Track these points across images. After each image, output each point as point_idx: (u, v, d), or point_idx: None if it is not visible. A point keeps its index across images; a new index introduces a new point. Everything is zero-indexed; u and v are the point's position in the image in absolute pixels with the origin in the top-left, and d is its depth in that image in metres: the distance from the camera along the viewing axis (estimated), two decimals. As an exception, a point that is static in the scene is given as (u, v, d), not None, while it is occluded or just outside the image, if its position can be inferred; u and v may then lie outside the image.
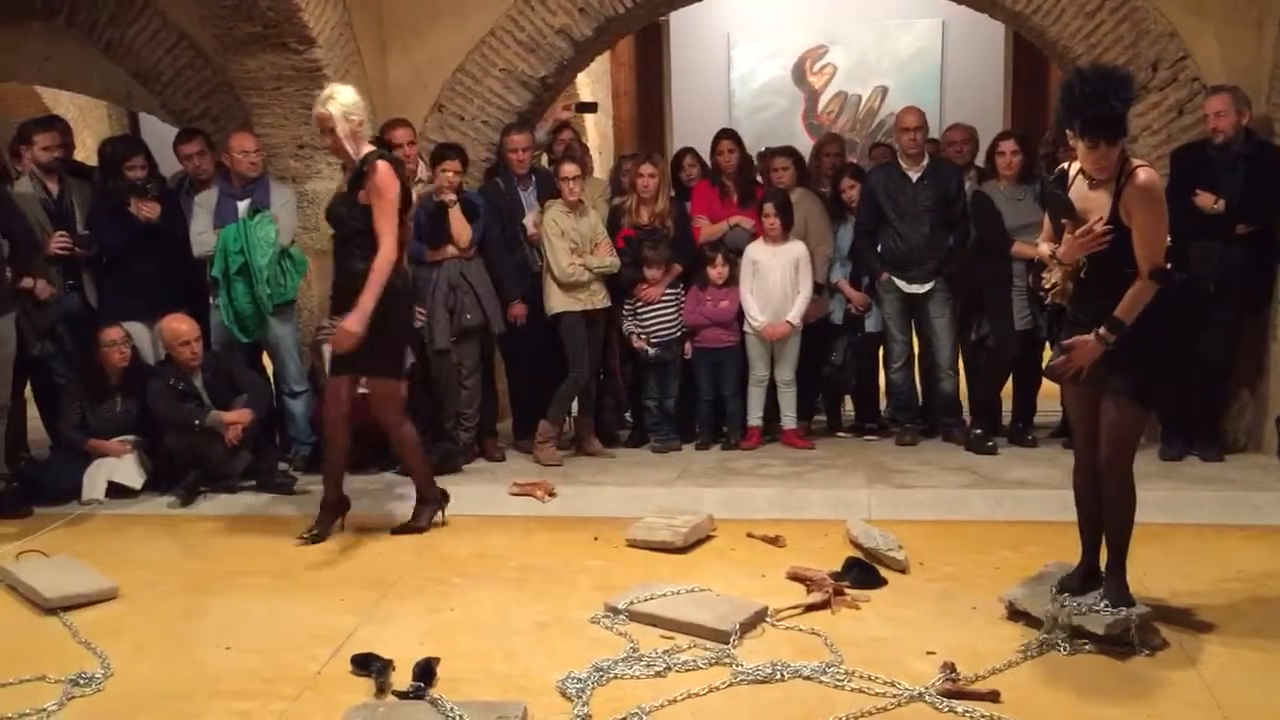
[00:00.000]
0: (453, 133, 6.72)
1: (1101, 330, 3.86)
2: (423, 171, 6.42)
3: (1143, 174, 3.82)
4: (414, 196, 5.55)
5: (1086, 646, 3.87)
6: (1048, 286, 4.13)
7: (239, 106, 6.64)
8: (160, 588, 4.73)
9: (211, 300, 6.26)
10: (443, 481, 6.06)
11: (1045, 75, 10.55)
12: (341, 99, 5.08)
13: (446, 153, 6.26)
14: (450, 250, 6.24)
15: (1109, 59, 5.96)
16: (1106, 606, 3.94)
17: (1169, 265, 3.86)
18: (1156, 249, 3.81)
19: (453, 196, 6.18)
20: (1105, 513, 4.07)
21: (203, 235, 6.21)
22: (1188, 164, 5.97)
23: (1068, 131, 3.86)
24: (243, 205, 6.20)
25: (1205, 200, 5.83)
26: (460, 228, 6.20)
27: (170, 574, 4.94)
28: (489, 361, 6.67)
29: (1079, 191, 3.95)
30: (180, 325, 6.02)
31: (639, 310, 6.57)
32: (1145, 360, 3.91)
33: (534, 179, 6.60)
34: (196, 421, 5.93)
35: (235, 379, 6.18)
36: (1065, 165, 4.09)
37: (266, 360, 6.65)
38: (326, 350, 6.26)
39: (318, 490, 5.88)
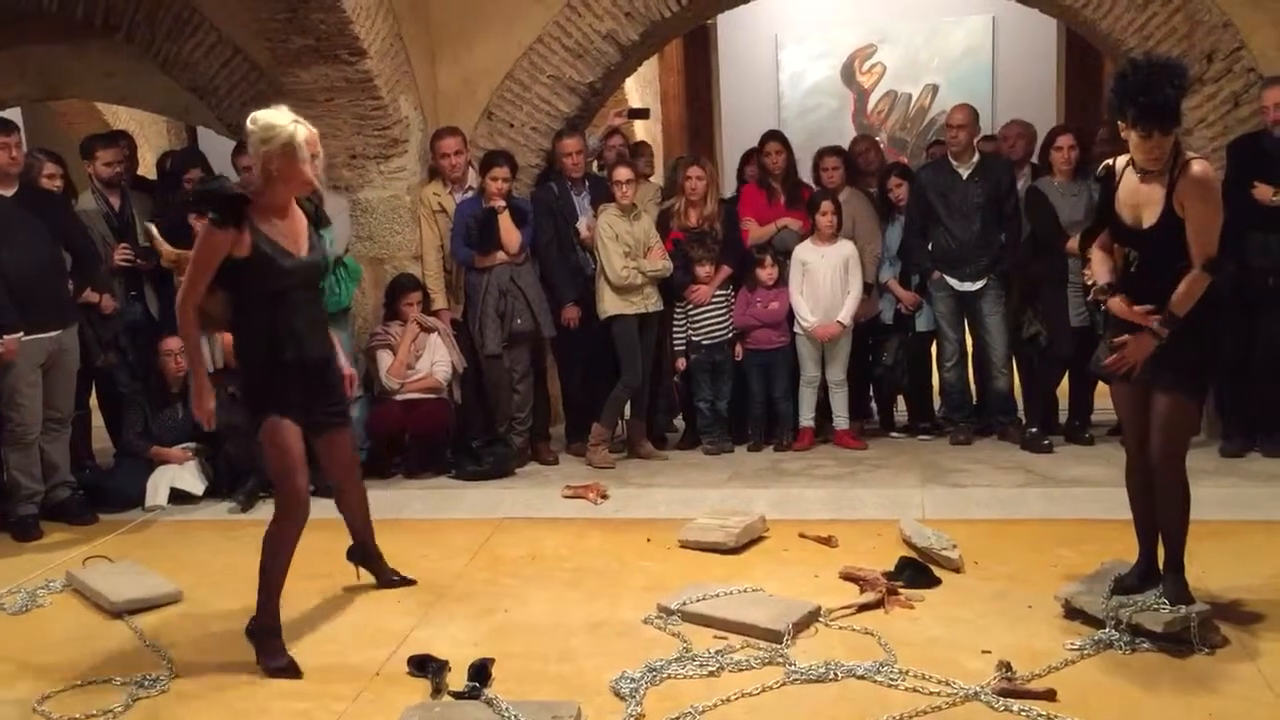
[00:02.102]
0: (502, 140, 6.78)
1: (1156, 325, 3.81)
2: (472, 179, 6.49)
3: (1197, 165, 3.77)
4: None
5: (1145, 645, 3.82)
6: (1088, 284, 4.12)
7: (293, 118, 6.73)
8: (221, 591, 4.81)
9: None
10: (498, 485, 6.16)
11: (1098, 70, 10.41)
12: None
13: (495, 159, 6.33)
14: (500, 256, 6.30)
15: (1162, 51, 5.87)
16: (1165, 604, 3.89)
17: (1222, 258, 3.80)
18: (1210, 241, 3.76)
19: (502, 203, 6.24)
20: (1159, 509, 4.02)
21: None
22: (1245, 156, 5.88)
23: (1120, 123, 3.82)
24: (298, 215, 6.29)
25: (1263, 192, 5.74)
26: (510, 233, 6.26)
27: (231, 578, 5.01)
28: (541, 365, 6.71)
29: (1129, 185, 3.90)
30: (238, 334, 6.12)
31: (690, 312, 6.59)
32: (1195, 354, 3.86)
33: (587, 183, 6.64)
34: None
35: (292, 386, 6.27)
36: (1112, 161, 4.05)
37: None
38: (381, 356, 6.36)
39: (371, 496, 5.98)
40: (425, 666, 3.87)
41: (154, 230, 4.74)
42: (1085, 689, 3.58)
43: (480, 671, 3.77)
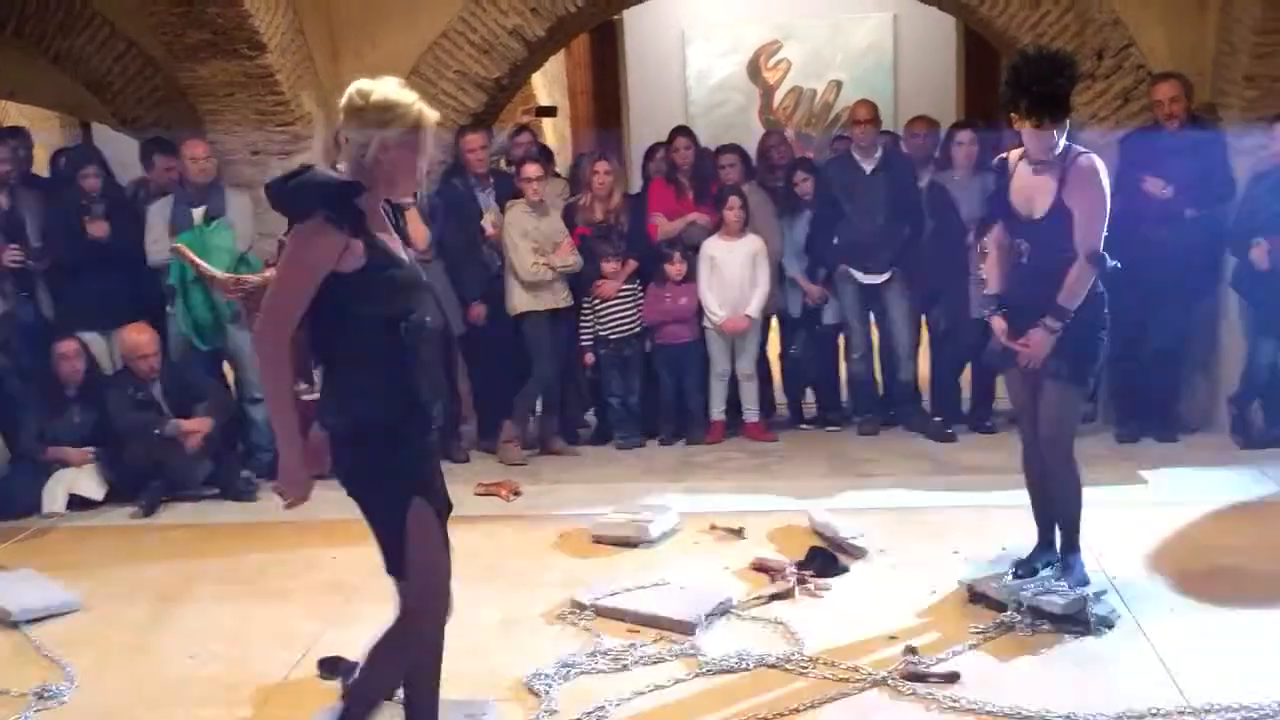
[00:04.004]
0: (408, 135, 6.70)
1: (1047, 320, 3.93)
2: (378, 175, 6.40)
3: (1085, 159, 3.90)
4: None
5: (1044, 626, 3.93)
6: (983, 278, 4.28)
7: (192, 114, 6.60)
8: (123, 599, 4.70)
9: (169, 309, 6.23)
10: (407, 484, 6.09)
11: (996, 66, 10.62)
12: None
13: (401, 155, 6.24)
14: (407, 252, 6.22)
15: (1055, 47, 6.03)
16: (1063, 586, 4.01)
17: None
18: (1096, 233, 3.90)
19: (408, 199, 6.17)
20: (1054, 494, 4.15)
21: (158, 244, 6.17)
22: (1136, 150, 6.07)
23: (1013, 114, 3.93)
24: (198, 213, 6.18)
25: (1154, 186, 5.93)
26: (417, 229, 6.19)
27: (133, 585, 4.91)
28: (450, 363, 6.64)
29: (1022, 177, 4.02)
30: (140, 337, 5.98)
31: (598, 308, 6.60)
32: (1080, 343, 3.99)
33: (492, 180, 6.61)
34: (156, 431, 5.90)
35: (194, 387, 6.15)
36: (1006, 154, 4.17)
37: (228, 368, 6.61)
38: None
39: (279, 496, 5.89)
40: (336, 669, 3.82)
41: (189, 252, 4.30)
42: (988, 670, 3.68)
43: (391, 672, 3.72)
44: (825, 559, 4.67)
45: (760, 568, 4.65)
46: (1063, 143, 3.91)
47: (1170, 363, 6.25)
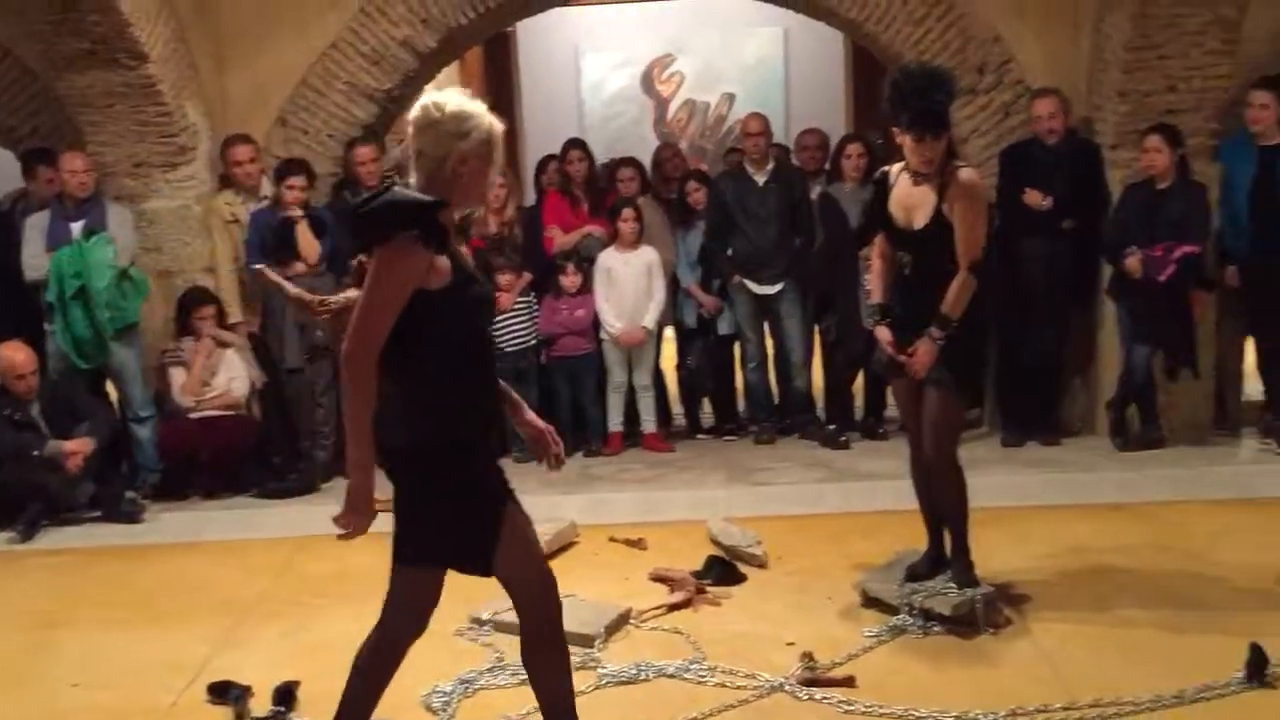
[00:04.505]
0: (297, 147, 6.60)
1: (932, 330, 4.03)
2: (267, 188, 6.30)
3: (964, 172, 4.02)
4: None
5: (936, 628, 4.03)
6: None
7: (70, 124, 6.40)
8: (3, 626, 4.53)
9: (47, 326, 6.02)
10: (301, 502, 5.99)
11: (884, 80, 10.90)
12: None
13: (291, 168, 6.16)
14: (299, 267, 6.13)
15: (937, 63, 6.20)
16: (953, 589, 4.11)
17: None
18: (976, 244, 4.01)
19: (299, 212, 6.09)
20: (939, 499, 4.25)
21: (35, 259, 5.97)
22: (1015, 164, 6.26)
23: (894, 128, 4.03)
24: (77, 227, 5.99)
25: (1033, 198, 6.12)
26: (308, 244, 6.10)
27: (13, 612, 4.73)
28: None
29: (903, 188, 4.12)
30: (16, 356, 5.77)
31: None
32: (961, 351, 4.10)
33: (384, 193, 6.53)
34: (35, 452, 5.70)
35: (75, 406, 5.95)
36: (888, 167, 4.27)
37: (110, 386, 6.41)
38: (174, 374, 6.11)
39: (166, 518, 5.76)
40: (226, 694, 3.73)
41: (271, 273, 3.97)
42: (882, 673, 3.75)
43: (285, 695, 3.67)
44: (723, 568, 4.71)
45: (659, 578, 4.67)
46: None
47: (1051, 369, 6.45)
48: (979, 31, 6.39)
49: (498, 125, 2.83)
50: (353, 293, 2.79)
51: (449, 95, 2.82)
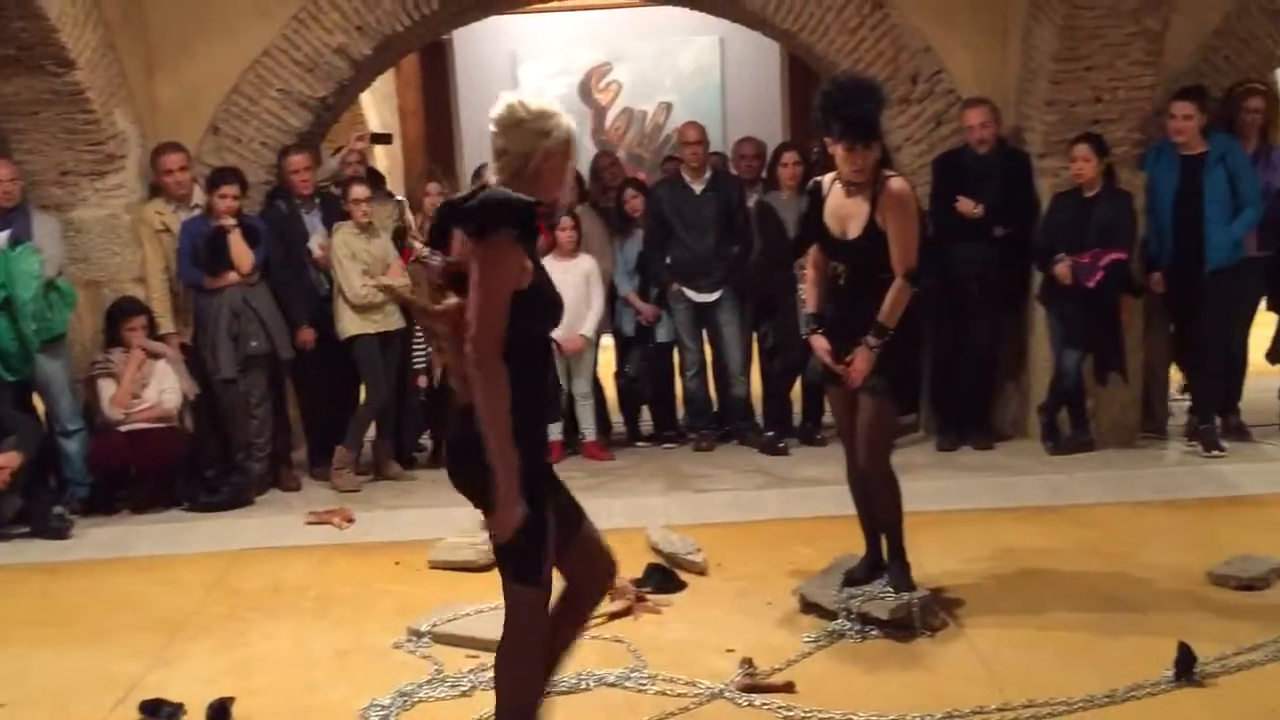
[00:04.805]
0: (230, 155, 6.51)
1: (868, 338, 4.08)
2: (198, 196, 6.22)
3: (895, 182, 4.08)
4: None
5: (874, 632, 4.07)
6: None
7: (-6, 132, 6.26)
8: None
9: (-30, 338, 5.87)
10: (235, 515, 5.91)
11: (819, 89, 11.01)
12: None
13: (223, 176, 6.08)
14: (232, 276, 6.05)
15: (871, 73, 6.28)
16: (890, 593, 4.16)
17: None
18: (910, 252, 4.07)
19: (232, 221, 6.01)
20: (875, 504, 4.30)
21: (-43, 270, 5.83)
22: (948, 171, 6.36)
23: (826, 138, 4.08)
24: (2, 237, 5.84)
25: (965, 205, 6.22)
26: (241, 253, 6.03)
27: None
28: (279, 389, 6.49)
29: (836, 199, 4.17)
30: (-63, 367, 5.63)
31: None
32: (894, 359, 4.15)
33: (318, 201, 6.47)
34: (-41, 468, 5.55)
35: (1, 420, 5.81)
36: (821, 177, 4.32)
37: (37, 399, 6.27)
38: (103, 386, 5.99)
39: (95, 533, 5.65)
40: (158, 711, 3.68)
41: (396, 286, 3.71)
42: (821, 678, 3.78)
43: (219, 712, 3.61)
44: (663, 576, 4.72)
45: (599, 587, 4.66)
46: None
47: (984, 374, 6.55)
48: (911, 42, 6.48)
49: (572, 125, 2.92)
50: (453, 300, 2.82)
51: (527, 95, 2.91)
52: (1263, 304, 6.48)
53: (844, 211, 4.13)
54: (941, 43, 6.50)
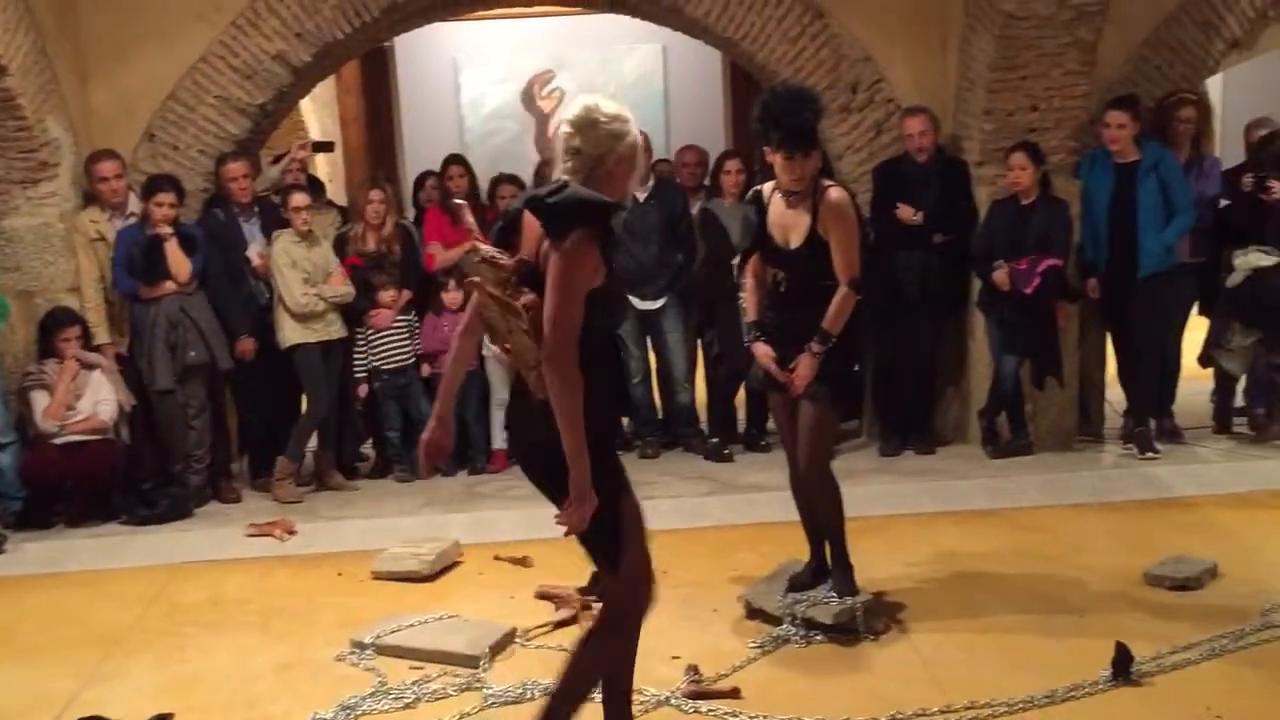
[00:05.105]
0: (166, 163, 6.41)
1: (812, 345, 4.11)
2: (134, 204, 6.12)
3: (834, 192, 4.12)
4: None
5: (818, 637, 4.10)
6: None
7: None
8: None
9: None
10: (174, 528, 5.82)
11: (758, 99, 11.07)
12: None
13: (159, 184, 5.99)
14: (169, 285, 5.96)
15: (812, 83, 6.34)
16: (833, 598, 4.19)
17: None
18: (853, 260, 4.11)
19: (168, 229, 5.92)
20: (817, 510, 4.33)
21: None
22: (888, 179, 6.43)
23: (765, 147, 4.11)
24: (-70, 246, 5.73)
25: (905, 213, 6.29)
26: (178, 261, 5.94)
27: None
28: (218, 400, 6.40)
29: (777, 209, 4.20)
30: None
31: (371, 338, 6.48)
32: (835, 365, 4.19)
33: (257, 209, 6.40)
34: (-115, 483, 5.42)
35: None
36: (760, 187, 4.35)
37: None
38: (36, 398, 5.87)
39: (29, 548, 5.54)
40: (96, 730, 3.60)
41: (488, 285, 3.61)
42: (766, 684, 3.80)
43: (158, 729, 3.55)
44: (609, 583, 4.71)
45: (545, 596, 4.65)
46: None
47: (925, 379, 6.63)
48: (851, 51, 6.54)
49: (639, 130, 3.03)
50: (528, 298, 2.87)
51: (600, 99, 2.99)
52: (1195, 309, 6.62)
53: (785, 221, 4.16)
54: (881, 52, 6.57)
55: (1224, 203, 6.40)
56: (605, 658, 3.15)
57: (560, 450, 2.81)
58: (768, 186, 4.27)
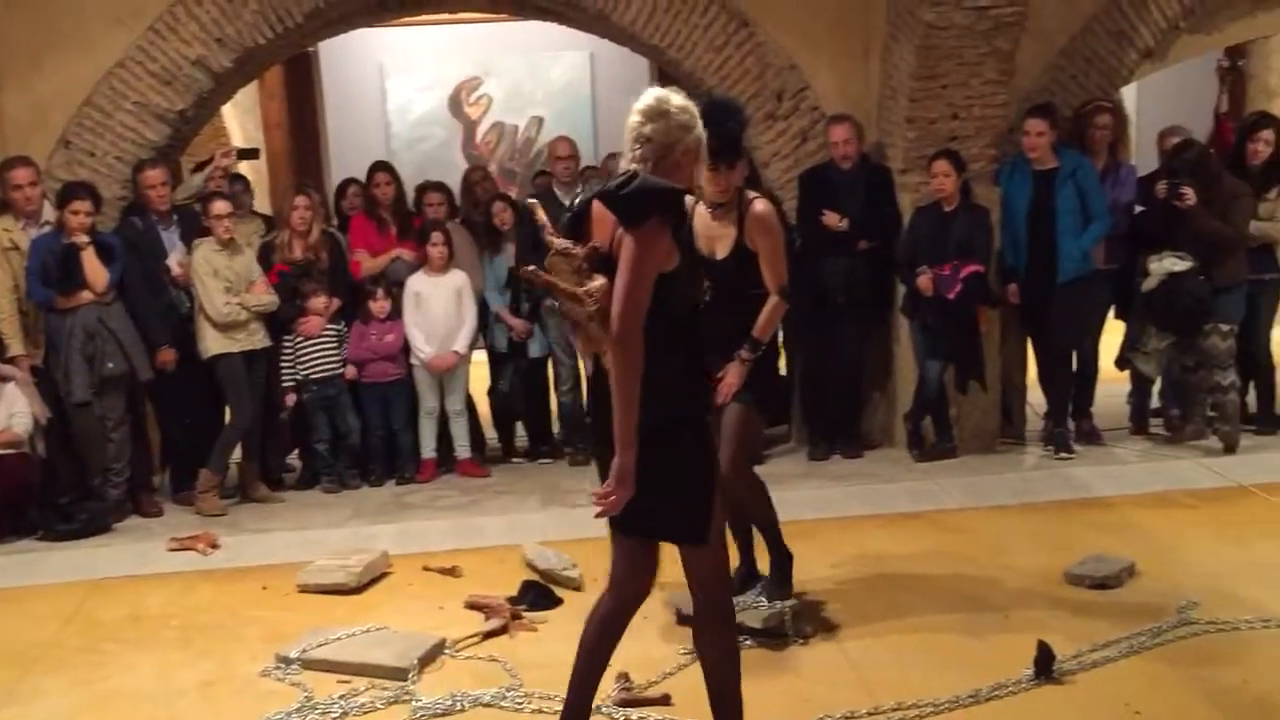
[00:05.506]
0: (83, 170, 6.27)
1: (741, 352, 4.13)
2: (49, 212, 5.97)
3: (759, 205, 4.15)
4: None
5: (747, 642, 4.10)
6: None
7: None
8: None
9: None
10: (92, 543, 5.68)
11: (689, 105, 11.13)
12: None
13: (75, 191, 5.86)
14: (85, 295, 5.83)
15: (739, 90, 6.40)
16: (762, 602, 4.21)
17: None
18: (781, 270, 4.15)
19: (85, 238, 5.79)
20: (746, 510, 4.36)
21: None
22: (813, 187, 6.49)
23: None
24: None
25: (831, 219, 6.36)
26: (95, 271, 5.81)
27: None
28: (138, 411, 6.27)
29: (703, 220, 4.22)
30: None
31: (299, 347, 6.39)
32: (758, 370, 4.21)
33: (176, 217, 6.28)
34: None
35: None
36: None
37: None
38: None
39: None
40: (10, 753, 3.50)
41: (543, 274, 3.54)
42: (697, 691, 3.76)
43: (76, 750, 3.46)
44: (539, 592, 4.70)
45: (475, 606, 4.62)
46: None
47: (851, 384, 6.70)
48: (776, 60, 6.60)
49: None
50: (598, 282, 2.91)
51: (672, 92, 3.10)
52: (1111, 313, 6.78)
53: (711, 233, 4.18)
54: (806, 61, 6.64)
55: (1139, 209, 6.55)
56: (726, 648, 3.21)
57: (648, 435, 2.88)
58: (689, 200, 4.28)
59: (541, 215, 3.18)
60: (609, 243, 2.95)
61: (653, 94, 3.08)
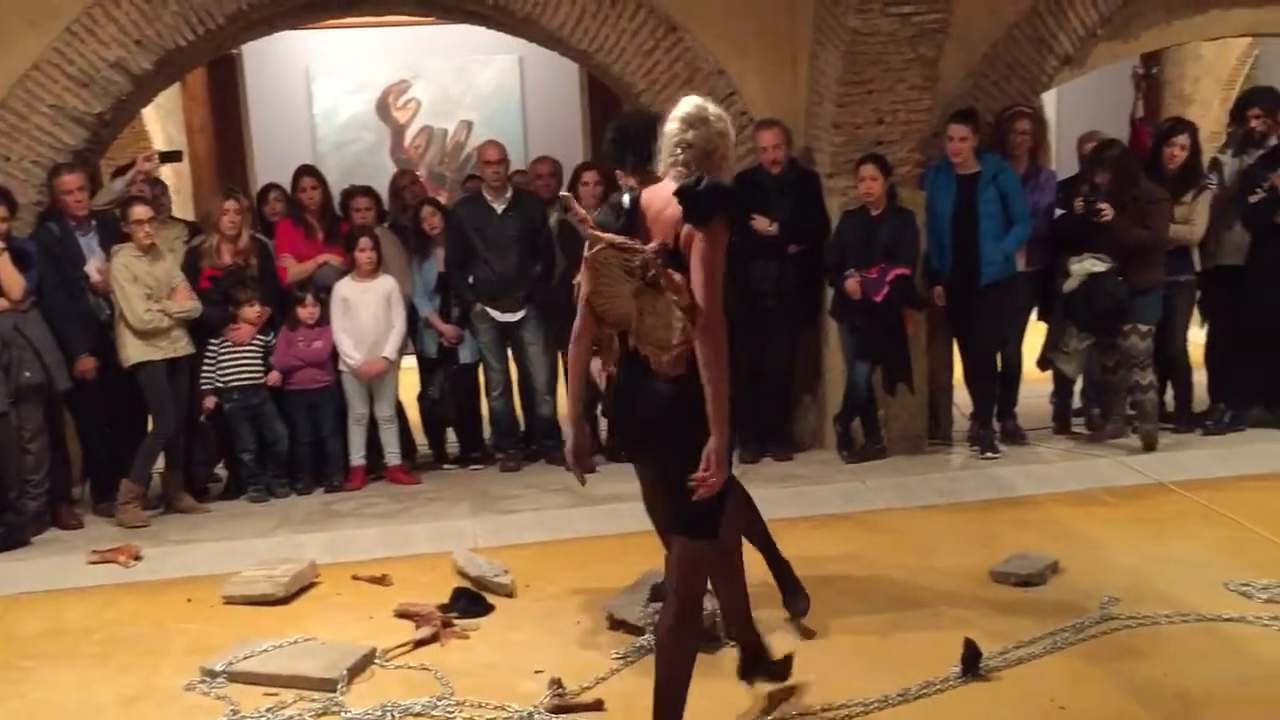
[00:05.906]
0: (-4, 174, 6.12)
1: None
2: (-38, 218, 5.81)
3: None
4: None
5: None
6: None
7: None
8: None
9: None
10: (10, 557, 5.54)
11: (619, 109, 11.15)
12: None
13: (-11, 196, 5.71)
14: (1, 303, 5.68)
15: (667, 94, 6.39)
16: (694, 605, 4.21)
17: None
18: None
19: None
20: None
21: None
22: (743, 191, 6.49)
23: (619, 171, 4.10)
24: None
25: (761, 223, 6.40)
26: (10, 278, 5.66)
27: None
28: (56, 421, 6.12)
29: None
30: None
31: (221, 352, 6.28)
32: None
33: (94, 223, 6.14)
34: None
35: None
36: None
37: None
38: None
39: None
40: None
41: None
42: (629, 695, 3.80)
43: (-8, 771, 3.37)
44: (470, 599, 4.67)
45: (405, 614, 4.58)
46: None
47: (782, 387, 6.75)
48: (705, 64, 6.63)
49: None
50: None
51: (707, 99, 3.30)
52: (1034, 315, 6.90)
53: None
54: (734, 66, 6.68)
55: (1059, 212, 6.68)
56: (693, 639, 3.30)
57: (673, 428, 3.10)
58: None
59: (579, 209, 3.27)
60: (674, 240, 3.11)
61: (691, 102, 3.26)
